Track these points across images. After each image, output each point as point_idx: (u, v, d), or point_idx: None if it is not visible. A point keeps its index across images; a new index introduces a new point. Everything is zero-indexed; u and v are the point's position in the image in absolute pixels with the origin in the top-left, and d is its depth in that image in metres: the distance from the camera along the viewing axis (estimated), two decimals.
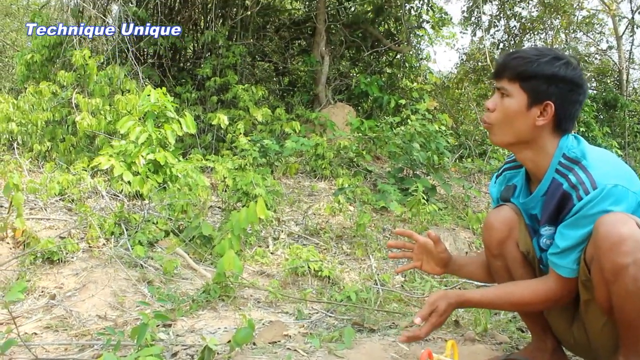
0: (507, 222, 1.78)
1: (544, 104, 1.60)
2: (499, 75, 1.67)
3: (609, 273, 1.46)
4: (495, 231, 1.79)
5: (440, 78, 11.77)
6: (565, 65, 1.60)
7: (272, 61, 9.83)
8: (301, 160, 6.45)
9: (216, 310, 2.85)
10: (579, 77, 1.62)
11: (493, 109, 1.67)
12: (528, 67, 1.60)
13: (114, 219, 3.90)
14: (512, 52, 1.70)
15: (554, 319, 1.82)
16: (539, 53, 1.62)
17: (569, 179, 1.57)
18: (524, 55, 1.63)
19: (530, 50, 1.64)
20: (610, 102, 11.20)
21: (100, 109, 5.36)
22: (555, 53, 1.63)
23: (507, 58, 1.67)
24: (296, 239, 4.19)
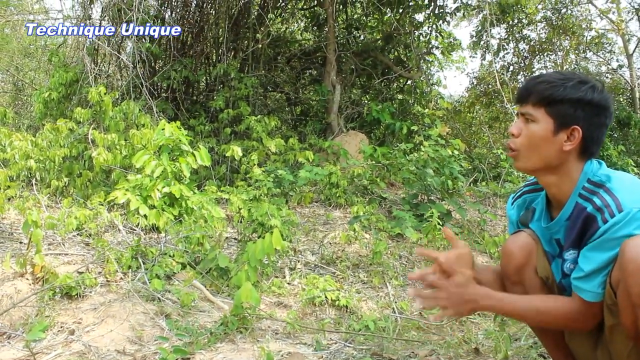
0: (525, 248, 1.76)
1: (571, 129, 1.59)
2: (523, 100, 1.65)
3: (637, 297, 1.43)
4: (514, 258, 1.77)
5: (451, 103, 11.81)
6: (591, 89, 1.58)
7: (283, 91, 9.95)
8: (315, 189, 6.48)
9: (234, 343, 2.84)
10: (606, 101, 1.61)
11: (518, 135, 1.65)
12: (554, 91, 1.58)
13: (130, 252, 3.92)
14: (535, 76, 1.68)
15: (577, 344, 1.78)
16: (564, 77, 1.61)
17: (594, 201, 1.55)
18: (548, 79, 1.61)
19: (554, 75, 1.62)
20: (624, 120, 11.16)
21: (115, 144, 5.44)
22: (580, 77, 1.61)
23: (531, 82, 1.65)
24: (313, 269, 4.18)
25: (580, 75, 1.63)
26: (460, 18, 12.13)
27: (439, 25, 10.30)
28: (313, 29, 10.75)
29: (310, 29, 10.87)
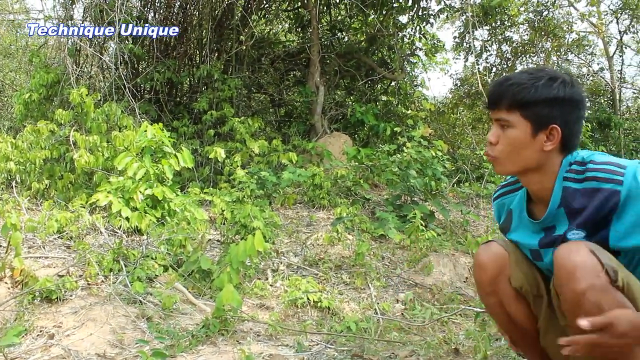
0: (497, 259, 1.77)
1: (550, 128, 1.57)
2: (495, 105, 1.61)
3: (571, 303, 1.46)
4: (486, 269, 1.78)
5: (434, 104, 11.87)
6: (562, 84, 1.56)
7: (267, 93, 9.94)
8: (299, 190, 6.48)
9: (216, 345, 2.83)
10: (579, 94, 1.59)
11: (496, 142, 1.63)
12: (526, 93, 1.55)
13: (112, 255, 3.90)
14: (503, 79, 1.62)
15: (550, 343, 1.80)
16: (533, 76, 1.57)
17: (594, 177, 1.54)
18: (518, 81, 1.57)
19: (522, 75, 1.58)
20: (605, 122, 11.29)
21: (97, 146, 5.40)
22: (549, 73, 1.58)
23: (501, 86, 1.60)
24: (295, 270, 4.18)
25: (547, 70, 1.60)
26: (443, 20, 12.20)
27: (422, 27, 10.35)
28: (297, 31, 10.75)
29: (294, 31, 10.88)
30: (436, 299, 3.80)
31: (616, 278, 1.43)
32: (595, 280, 1.42)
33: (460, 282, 4.16)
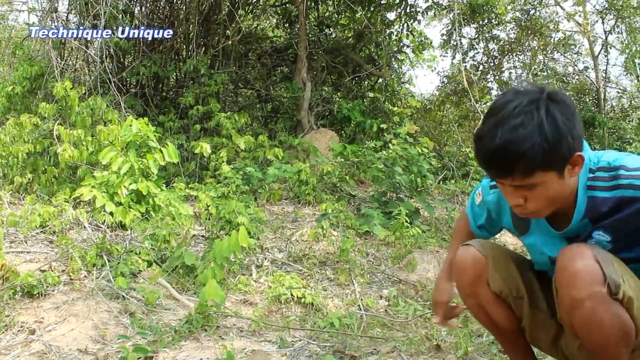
0: (475, 264, 1.77)
1: (573, 160, 1.42)
2: (506, 176, 1.42)
3: (568, 307, 1.47)
4: (465, 273, 1.80)
5: (421, 101, 11.91)
6: (553, 104, 1.38)
7: (254, 88, 9.91)
8: (285, 186, 6.48)
9: (199, 341, 2.83)
10: (568, 104, 1.41)
11: (524, 202, 1.47)
12: (536, 152, 1.35)
13: (95, 250, 3.87)
14: (502, 143, 1.36)
15: (538, 338, 1.82)
16: (526, 120, 1.35)
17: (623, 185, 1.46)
18: (517, 139, 1.34)
19: (513, 128, 1.35)
20: (589, 121, 11.39)
21: (82, 140, 5.35)
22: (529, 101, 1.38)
23: (505, 156, 1.37)
24: (280, 266, 4.19)
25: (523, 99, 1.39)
26: (431, 17, 12.22)
27: (410, 24, 10.36)
28: (284, 26, 10.72)
29: (282, 26, 10.85)
30: (420, 296, 3.83)
31: (617, 291, 1.40)
32: (594, 290, 1.40)
33: None
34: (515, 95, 1.40)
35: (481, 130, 1.42)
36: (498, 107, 1.40)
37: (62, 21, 7.37)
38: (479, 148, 1.42)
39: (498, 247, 1.82)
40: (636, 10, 11.81)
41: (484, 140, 1.39)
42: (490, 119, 1.40)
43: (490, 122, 1.39)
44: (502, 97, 1.43)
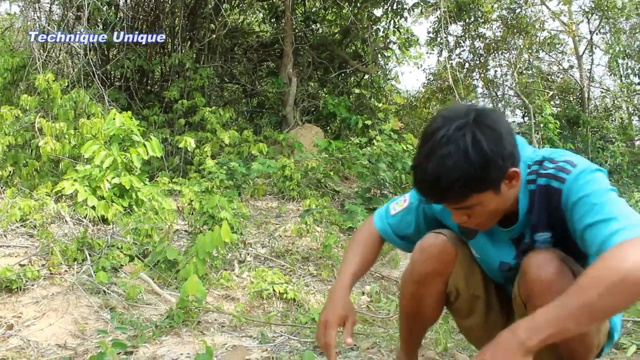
0: (444, 256, 1.69)
1: (509, 175, 1.42)
2: (443, 202, 1.46)
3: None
4: (431, 261, 1.69)
5: (406, 98, 11.94)
6: (478, 141, 1.35)
7: (240, 83, 9.87)
8: (269, 182, 6.47)
9: (180, 336, 2.82)
10: (495, 128, 1.39)
11: (468, 219, 1.49)
12: (467, 179, 1.35)
13: (76, 244, 3.84)
14: (433, 177, 1.36)
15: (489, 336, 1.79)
16: (460, 157, 1.34)
17: (544, 174, 1.49)
18: (447, 168, 1.34)
19: (445, 158, 1.34)
20: (573, 120, 11.51)
21: (64, 133, 5.29)
22: (454, 126, 1.36)
23: (438, 190, 1.38)
24: (262, 262, 4.18)
25: (455, 124, 1.37)
26: (418, 14, 12.25)
27: (396, 21, 10.38)
28: (271, 21, 10.69)
29: (268, 21, 10.81)
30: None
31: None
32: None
33: None
34: (443, 121, 1.39)
35: (415, 161, 1.43)
36: (428, 135, 1.40)
37: (45, 12, 7.28)
38: (414, 178, 1.45)
39: (463, 242, 1.73)
40: (621, 11, 11.92)
41: (417, 171, 1.41)
42: (422, 148, 1.41)
43: (422, 152, 1.40)
44: (433, 124, 1.42)
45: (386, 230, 1.81)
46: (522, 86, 12.64)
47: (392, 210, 1.81)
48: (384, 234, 1.82)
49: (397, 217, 1.79)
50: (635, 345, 2.22)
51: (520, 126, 11.82)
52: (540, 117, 10.12)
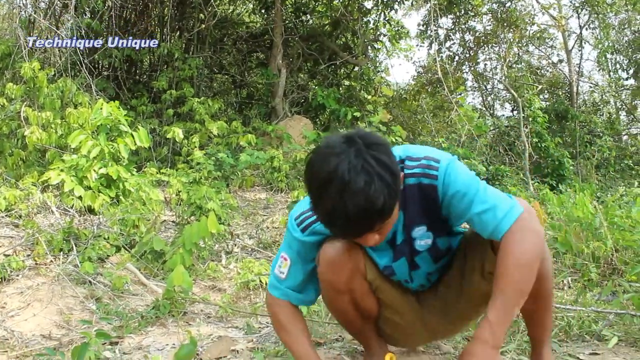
0: (352, 256, 1.68)
1: (401, 180, 1.48)
2: (369, 232, 1.45)
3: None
4: (343, 268, 1.68)
5: (395, 90, 11.94)
6: (381, 161, 1.38)
7: (229, 74, 9.83)
8: (257, 173, 6.46)
9: (165, 327, 2.81)
10: (383, 143, 1.43)
11: (378, 238, 1.50)
12: (390, 201, 1.38)
13: (62, 235, 3.82)
14: (359, 209, 1.35)
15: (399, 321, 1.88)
16: (376, 182, 1.35)
17: (409, 173, 1.56)
18: (376, 199, 1.35)
19: (368, 191, 1.34)
20: (562, 114, 11.56)
21: (51, 123, 5.25)
22: (363, 161, 1.36)
23: (365, 217, 1.37)
24: (250, 253, 4.18)
25: (351, 154, 1.37)
26: (408, 7, 12.25)
27: (387, 13, 10.36)
28: (260, 12, 10.63)
29: (258, 12, 10.75)
30: None
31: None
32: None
33: None
34: (334, 157, 1.36)
35: (326, 205, 1.36)
36: (329, 175, 1.35)
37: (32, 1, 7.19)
38: (333, 221, 1.39)
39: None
40: (610, 6, 11.98)
41: (337, 213, 1.35)
42: (328, 190, 1.35)
43: (331, 193, 1.34)
44: (324, 164, 1.36)
45: (289, 295, 1.77)
46: (512, 80, 12.69)
47: (280, 275, 1.77)
48: (293, 300, 1.78)
49: (289, 277, 1.75)
50: (617, 336, 2.25)
51: (509, 120, 11.88)
52: (529, 111, 10.16)
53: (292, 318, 1.79)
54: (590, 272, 3.39)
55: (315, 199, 1.40)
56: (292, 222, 1.71)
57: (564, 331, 2.38)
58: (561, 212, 4.93)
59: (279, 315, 1.79)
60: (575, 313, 2.52)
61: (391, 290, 1.81)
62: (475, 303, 1.78)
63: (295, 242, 1.71)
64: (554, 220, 4.48)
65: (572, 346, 2.25)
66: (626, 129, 14.77)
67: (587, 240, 3.74)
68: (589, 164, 11.20)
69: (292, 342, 1.77)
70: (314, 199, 1.41)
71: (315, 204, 1.41)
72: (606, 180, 10.77)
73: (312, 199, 1.42)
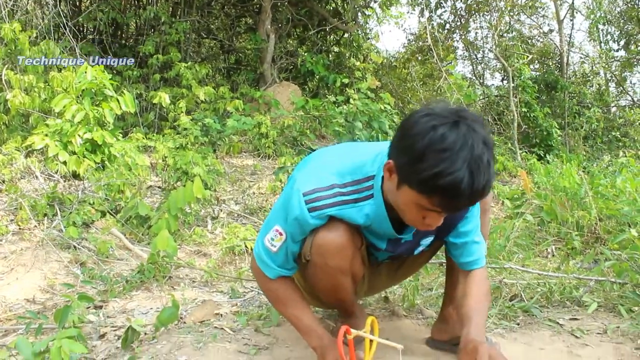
0: (353, 236, 1.61)
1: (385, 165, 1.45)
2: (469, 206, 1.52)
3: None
4: (347, 251, 1.60)
5: (386, 58, 11.83)
6: (487, 137, 1.35)
7: (217, 39, 9.67)
8: (245, 139, 6.41)
9: (150, 291, 2.82)
10: (480, 118, 1.39)
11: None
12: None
13: (46, 199, 3.78)
14: (486, 185, 1.32)
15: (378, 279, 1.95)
16: (491, 158, 1.34)
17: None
18: (493, 176, 1.35)
19: (491, 168, 1.33)
20: (551, 84, 11.52)
21: (34, 86, 5.15)
22: (482, 138, 1.32)
23: (485, 192, 1.35)
24: (236, 218, 4.17)
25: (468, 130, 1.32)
26: None
27: None
28: None
29: None
30: None
31: None
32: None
33: None
34: (461, 124, 1.30)
35: (452, 173, 1.27)
36: (457, 143, 1.28)
37: None
38: (457, 192, 1.29)
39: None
40: None
41: (464, 184, 1.27)
42: (455, 157, 1.27)
43: (458, 162, 1.27)
44: (452, 129, 1.29)
45: (282, 273, 1.69)
46: (502, 49, 12.59)
47: (271, 248, 1.64)
48: (285, 274, 1.71)
49: (281, 254, 1.65)
50: (596, 302, 2.28)
51: (498, 89, 11.84)
52: (519, 81, 10.12)
53: (290, 292, 1.72)
54: (573, 241, 3.42)
55: (435, 163, 1.28)
56: (299, 197, 1.52)
57: (545, 297, 2.40)
58: (548, 182, 4.95)
59: (277, 292, 1.73)
60: (557, 280, 2.54)
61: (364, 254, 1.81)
62: (420, 264, 1.98)
63: (296, 222, 1.55)
64: (540, 190, 4.50)
65: (552, 312, 2.27)
66: (615, 101, 14.78)
67: (572, 209, 3.77)
68: (577, 135, 11.24)
69: (293, 315, 1.72)
70: (430, 163, 1.28)
71: (433, 169, 1.28)
72: (593, 152, 10.83)
73: (426, 163, 1.29)
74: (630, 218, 3.48)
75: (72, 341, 1.57)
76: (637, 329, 2.01)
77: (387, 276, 1.97)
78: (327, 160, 1.62)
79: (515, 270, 2.73)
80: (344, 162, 1.57)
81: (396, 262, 1.92)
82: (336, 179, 1.54)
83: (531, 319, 2.17)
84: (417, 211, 1.40)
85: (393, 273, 1.96)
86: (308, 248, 1.61)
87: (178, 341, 1.96)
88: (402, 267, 1.95)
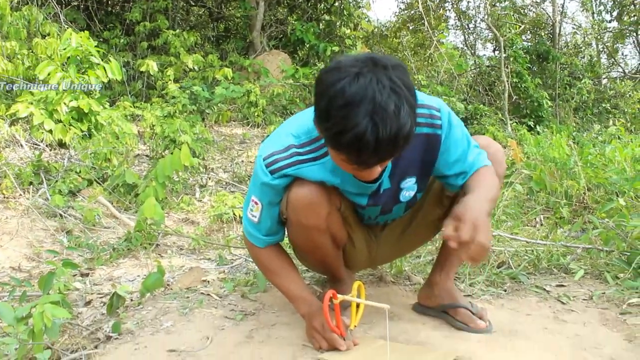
0: (325, 190, 1.58)
1: None
2: (392, 157, 1.38)
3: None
4: (321, 206, 1.59)
5: (378, 26, 11.69)
6: (404, 82, 1.29)
7: (206, 6, 9.50)
8: (234, 107, 6.35)
9: (137, 259, 2.80)
10: (400, 64, 1.33)
11: (379, 170, 1.41)
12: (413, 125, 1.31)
13: (32, 168, 3.74)
14: (394, 134, 1.25)
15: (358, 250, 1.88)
16: (404, 105, 1.27)
17: (418, 123, 1.42)
18: (406, 124, 1.27)
19: (399, 115, 1.25)
20: (543, 55, 11.46)
21: (17, 53, 5.05)
22: (391, 84, 1.26)
23: (397, 143, 1.28)
24: (224, 186, 4.15)
25: (374, 76, 1.27)
26: None
27: None
28: None
29: None
30: None
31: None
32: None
33: None
34: (361, 76, 1.25)
35: (353, 129, 1.23)
36: (357, 95, 1.24)
37: None
38: (361, 146, 1.25)
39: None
40: None
41: (367, 137, 1.23)
42: (356, 112, 1.23)
43: (359, 115, 1.23)
44: (351, 82, 1.24)
45: (269, 242, 1.71)
46: (494, 19, 12.48)
47: (253, 219, 1.67)
48: (273, 241, 1.72)
49: (263, 222, 1.66)
50: (583, 269, 2.29)
51: (490, 60, 11.76)
52: (511, 51, 10.06)
53: (280, 261, 1.74)
54: (562, 210, 3.43)
55: (337, 121, 1.25)
56: (260, 163, 1.56)
57: (532, 265, 2.41)
58: (537, 152, 4.96)
59: (267, 261, 1.74)
60: (545, 247, 2.55)
61: (353, 218, 1.77)
62: (427, 229, 1.87)
63: (265, 186, 1.58)
64: (530, 160, 4.50)
65: (539, 278, 2.28)
66: (606, 72, 14.76)
67: (561, 179, 3.77)
68: (568, 106, 11.24)
69: (283, 283, 1.74)
70: (333, 121, 1.26)
71: (336, 127, 1.26)
72: (583, 123, 10.84)
73: (330, 121, 1.27)
74: (618, 187, 3.49)
75: (55, 306, 1.55)
76: (622, 295, 2.02)
77: (390, 245, 1.90)
78: (286, 125, 1.63)
79: (504, 237, 2.73)
80: (301, 124, 1.56)
81: (397, 229, 1.86)
82: (293, 140, 1.54)
83: (518, 286, 2.18)
84: (345, 166, 1.37)
85: (396, 242, 1.90)
86: (284, 206, 1.62)
87: (164, 307, 1.96)
88: (404, 235, 1.88)
